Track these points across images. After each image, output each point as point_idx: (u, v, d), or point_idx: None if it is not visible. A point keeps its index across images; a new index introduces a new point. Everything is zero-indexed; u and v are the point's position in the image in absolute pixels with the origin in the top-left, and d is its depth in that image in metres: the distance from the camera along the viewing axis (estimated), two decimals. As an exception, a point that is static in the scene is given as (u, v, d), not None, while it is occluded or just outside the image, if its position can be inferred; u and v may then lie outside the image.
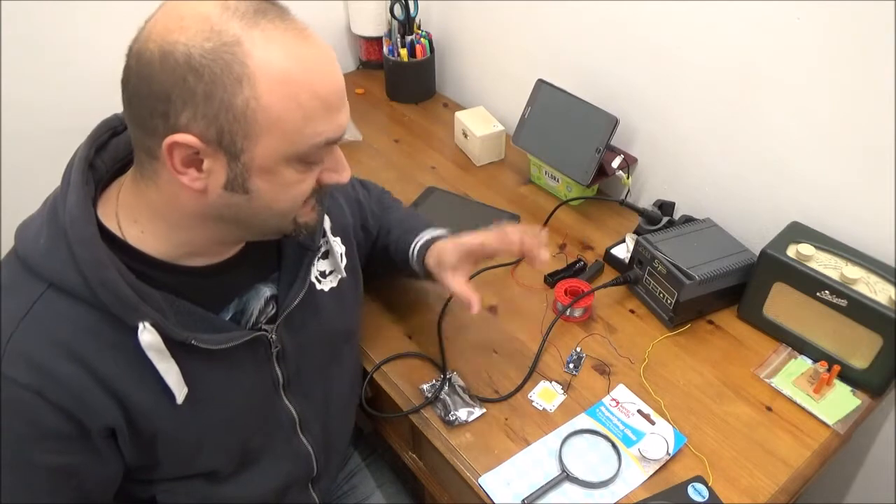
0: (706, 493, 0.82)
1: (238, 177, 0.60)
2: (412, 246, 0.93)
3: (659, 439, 0.87)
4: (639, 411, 0.92)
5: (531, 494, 0.82)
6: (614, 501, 0.82)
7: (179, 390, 0.67)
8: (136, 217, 0.65)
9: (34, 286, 0.62)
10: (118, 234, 0.65)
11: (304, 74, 0.57)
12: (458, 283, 0.88)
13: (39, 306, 0.62)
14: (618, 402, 0.93)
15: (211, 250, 0.69)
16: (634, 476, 0.85)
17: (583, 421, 0.91)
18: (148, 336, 0.62)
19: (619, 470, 0.85)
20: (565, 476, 0.84)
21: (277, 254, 0.77)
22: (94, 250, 0.61)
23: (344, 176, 0.67)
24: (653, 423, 0.90)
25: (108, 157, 0.69)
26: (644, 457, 0.86)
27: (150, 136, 0.59)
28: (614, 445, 0.88)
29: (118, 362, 0.64)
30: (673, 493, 0.82)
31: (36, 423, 0.62)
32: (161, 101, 0.56)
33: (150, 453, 0.70)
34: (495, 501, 0.82)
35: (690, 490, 0.82)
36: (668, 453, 0.86)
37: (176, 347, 0.65)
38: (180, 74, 0.55)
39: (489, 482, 0.84)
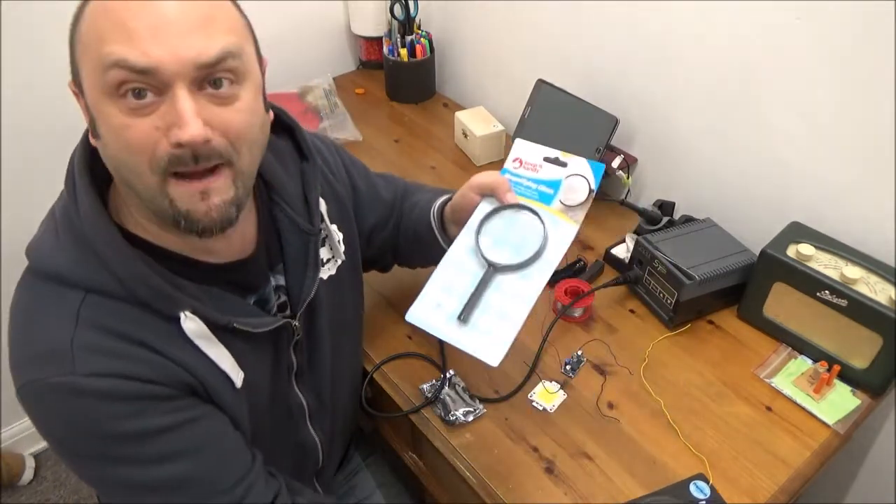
0: (708, 491, 0.82)
1: (92, 120, 0.60)
2: (432, 208, 0.90)
3: (577, 180, 0.76)
4: (545, 158, 0.78)
5: (466, 307, 0.71)
6: (555, 268, 0.72)
7: (236, 374, 0.68)
8: (133, 211, 0.66)
9: (72, 296, 0.62)
10: (131, 230, 0.65)
11: (114, 2, 0.56)
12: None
13: (85, 311, 0.61)
14: (521, 161, 0.79)
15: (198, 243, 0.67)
16: (566, 232, 0.74)
17: (489, 204, 0.78)
18: (191, 324, 0.63)
19: (545, 233, 0.74)
20: (493, 270, 0.73)
21: (279, 243, 0.77)
22: (120, 251, 0.61)
23: (183, 132, 0.56)
24: (564, 164, 0.78)
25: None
26: (568, 206, 0.76)
27: None
28: (532, 210, 0.76)
29: (179, 348, 0.64)
30: (675, 490, 0.82)
31: (139, 396, 0.61)
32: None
33: None
34: (433, 332, 0.71)
35: (692, 487, 0.82)
36: (591, 189, 0.75)
37: (220, 333, 0.66)
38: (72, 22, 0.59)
39: (418, 314, 0.72)
